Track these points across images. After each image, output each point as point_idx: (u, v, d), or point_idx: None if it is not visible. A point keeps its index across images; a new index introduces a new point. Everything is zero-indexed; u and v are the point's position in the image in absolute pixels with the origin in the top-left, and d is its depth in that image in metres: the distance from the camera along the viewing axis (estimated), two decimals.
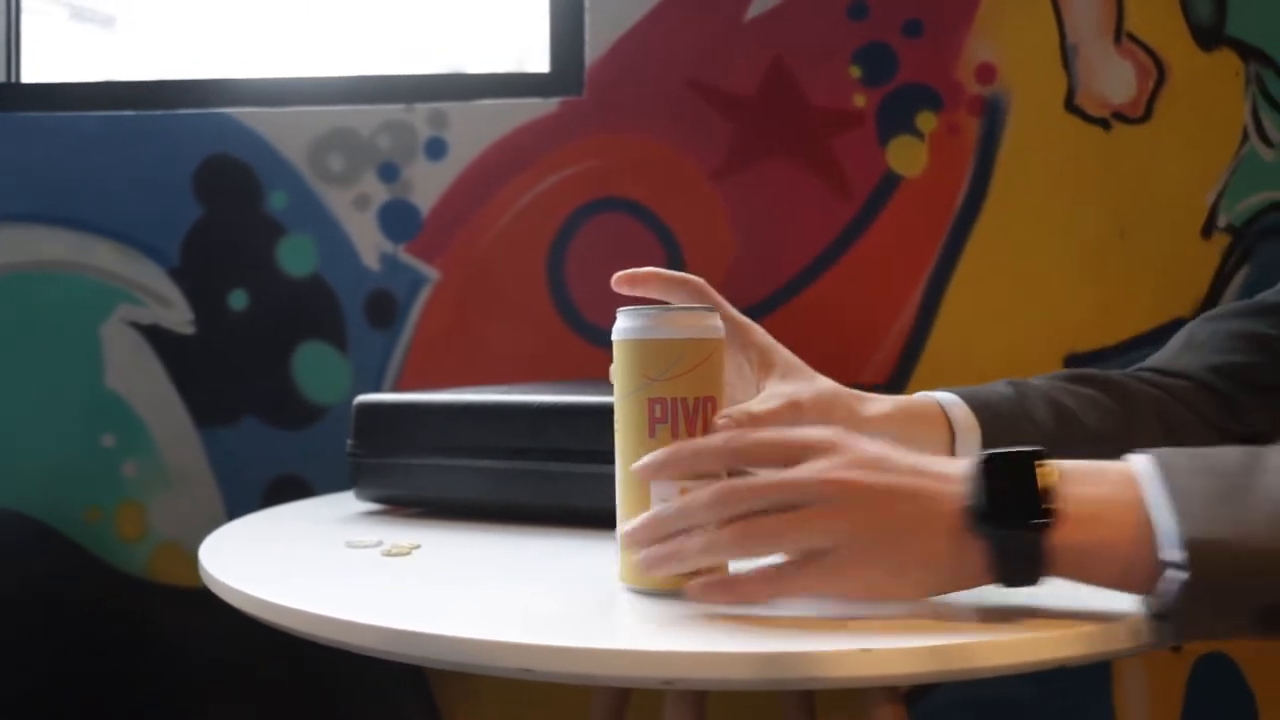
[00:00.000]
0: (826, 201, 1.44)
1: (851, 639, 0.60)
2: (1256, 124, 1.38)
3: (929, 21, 1.43)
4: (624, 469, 0.70)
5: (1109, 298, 1.40)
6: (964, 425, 0.83)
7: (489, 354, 1.47)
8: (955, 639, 0.60)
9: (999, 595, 0.64)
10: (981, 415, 0.83)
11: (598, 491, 0.91)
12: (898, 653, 0.59)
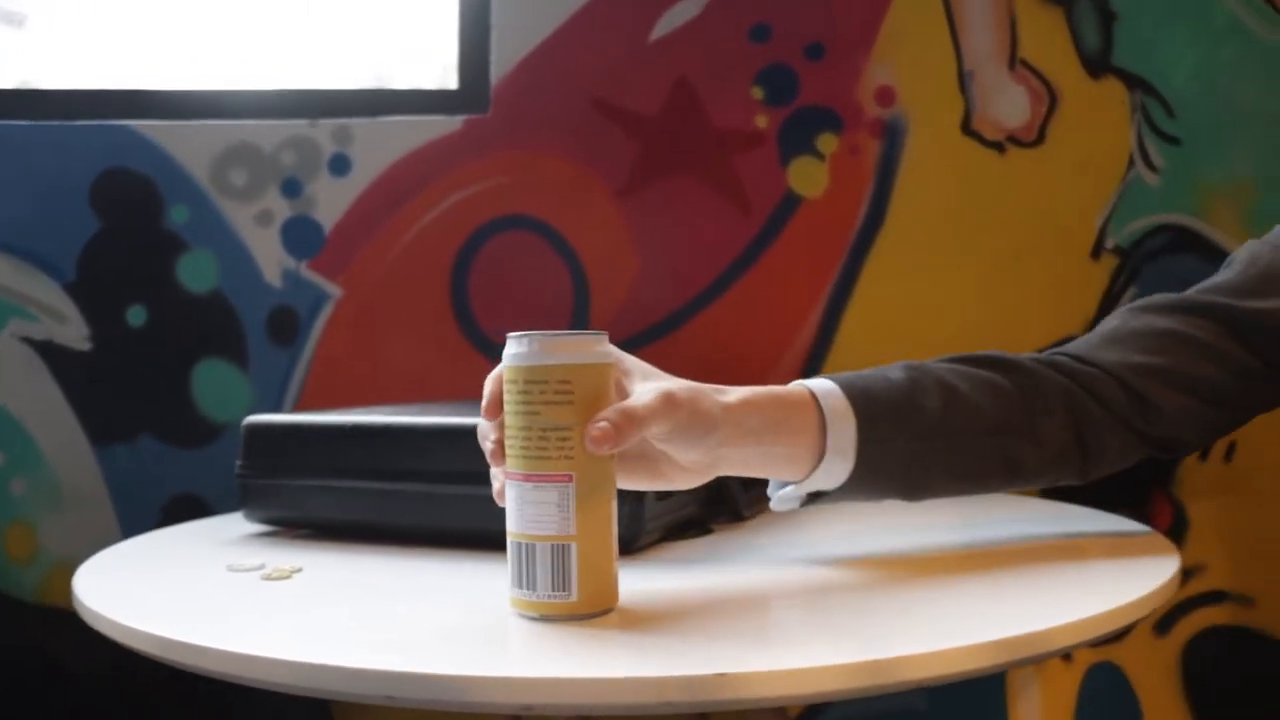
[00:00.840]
0: (728, 221, 1.46)
1: (753, 658, 0.62)
2: (1142, 150, 1.43)
3: (830, 44, 1.46)
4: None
5: (1003, 316, 1.44)
6: (837, 412, 0.82)
7: (392, 372, 1.47)
8: (881, 654, 0.63)
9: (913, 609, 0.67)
10: (858, 403, 0.82)
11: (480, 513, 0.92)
12: (824, 670, 0.61)
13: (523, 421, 0.70)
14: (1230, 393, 0.92)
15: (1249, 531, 1.43)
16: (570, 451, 0.69)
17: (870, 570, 0.85)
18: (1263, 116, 1.41)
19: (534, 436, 0.70)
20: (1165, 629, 1.45)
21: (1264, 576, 1.43)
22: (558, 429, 0.69)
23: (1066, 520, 1.09)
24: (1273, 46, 1.41)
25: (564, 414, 0.69)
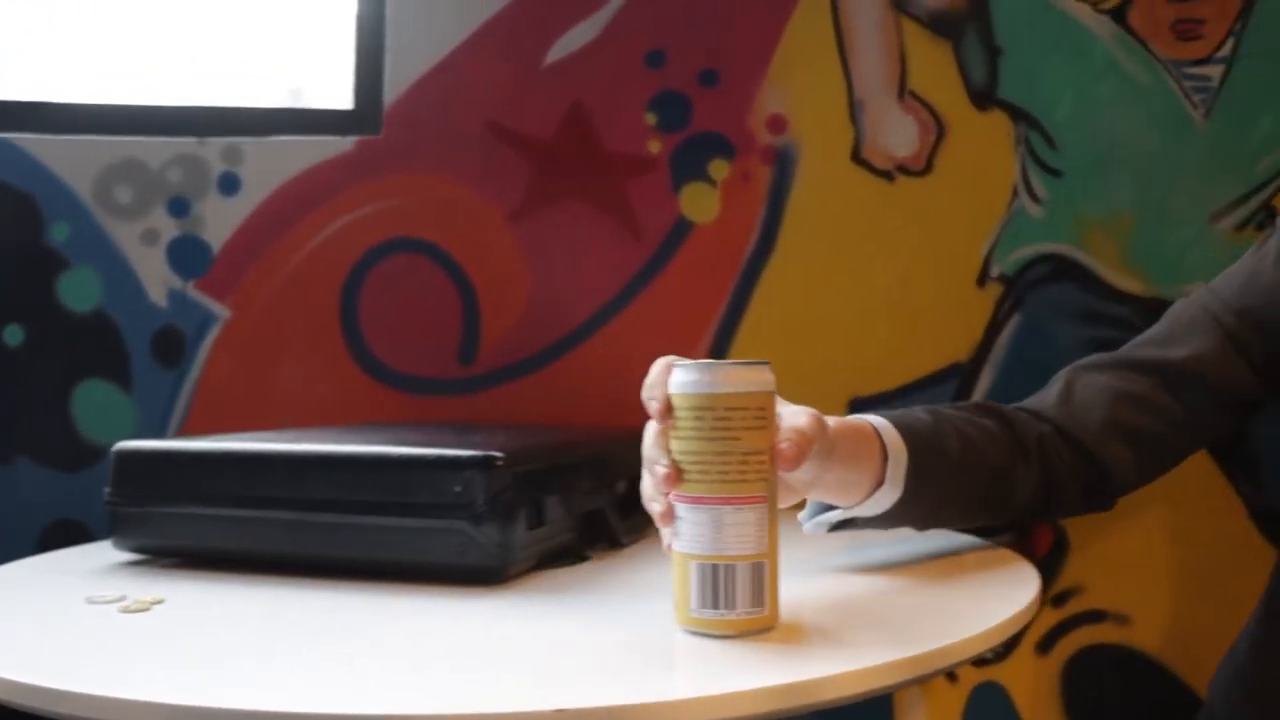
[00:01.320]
0: (620, 246, 1.48)
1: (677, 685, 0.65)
2: (1025, 181, 1.47)
3: (724, 72, 1.49)
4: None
5: (891, 343, 1.47)
6: (895, 447, 0.92)
7: (280, 396, 1.46)
8: (795, 677, 0.67)
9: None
10: (908, 440, 0.93)
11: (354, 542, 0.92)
12: (749, 694, 0.65)
13: (721, 447, 0.74)
14: (1165, 442, 1.07)
15: (1125, 553, 1.47)
16: (765, 473, 0.75)
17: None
18: (1139, 153, 1.45)
19: (734, 461, 0.74)
20: (1047, 648, 1.49)
21: (1140, 596, 1.47)
22: (756, 453, 0.74)
23: (929, 541, 1.11)
24: (1147, 86, 1.45)
25: (761, 438, 0.75)
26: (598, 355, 1.48)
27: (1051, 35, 1.47)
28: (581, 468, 1.07)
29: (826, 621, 0.82)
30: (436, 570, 0.93)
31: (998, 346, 1.47)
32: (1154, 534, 1.47)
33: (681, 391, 0.75)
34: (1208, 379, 1.07)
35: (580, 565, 1.04)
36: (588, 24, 1.49)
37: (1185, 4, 1.45)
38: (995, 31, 1.47)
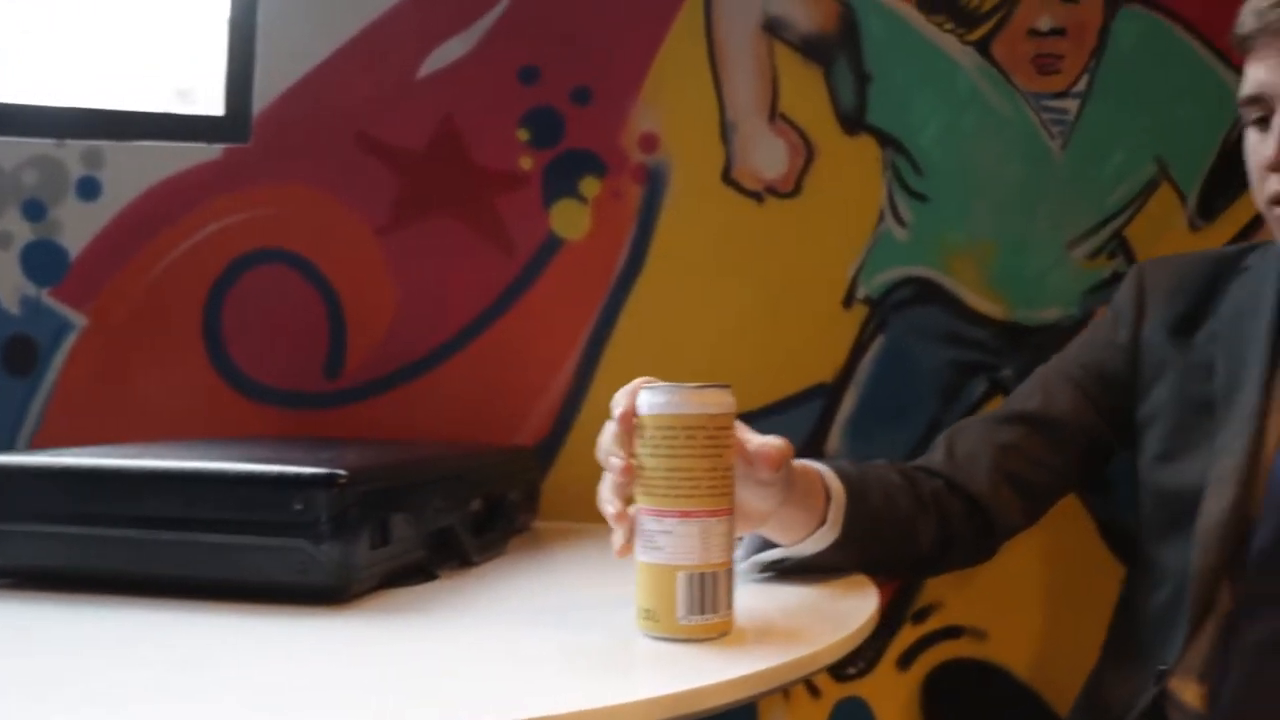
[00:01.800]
0: (489, 261, 1.49)
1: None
2: (892, 205, 1.51)
3: (597, 90, 1.50)
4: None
5: (758, 362, 1.50)
6: (836, 492, 1.01)
7: (139, 408, 1.44)
8: (674, 688, 0.70)
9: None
10: (847, 486, 1.02)
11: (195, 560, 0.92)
12: (639, 704, 0.68)
13: (709, 464, 0.80)
14: (1045, 488, 1.18)
15: (983, 570, 1.51)
16: (731, 488, 0.82)
17: (609, 612, 0.87)
18: (1000, 181, 1.50)
19: (719, 476, 0.81)
20: (907, 664, 1.53)
21: (996, 612, 1.52)
22: (730, 468, 0.82)
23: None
24: (1008, 117, 1.51)
25: (732, 455, 0.83)
26: (467, 370, 1.48)
27: (919, 64, 1.51)
28: (433, 485, 1.08)
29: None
30: (277, 590, 0.92)
31: (862, 367, 1.51)
32: (1010, 551, 1.50)
33: (676, 412, 0.81)
34: (1071, 429, 1.18)
35: (429, 584, 1.04)
36: (461, 38, 1.50)
37: (1044, 39, 1.51)
38: (865, 58, 1.51)
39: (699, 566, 0.80)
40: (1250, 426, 1.04)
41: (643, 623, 0.81)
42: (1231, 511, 1.02)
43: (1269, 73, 1.00)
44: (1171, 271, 1.20)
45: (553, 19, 1.50)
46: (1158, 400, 1.15)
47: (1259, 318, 1.08)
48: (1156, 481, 1.13)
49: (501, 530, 1.18)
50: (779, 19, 1.51)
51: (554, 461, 1.47)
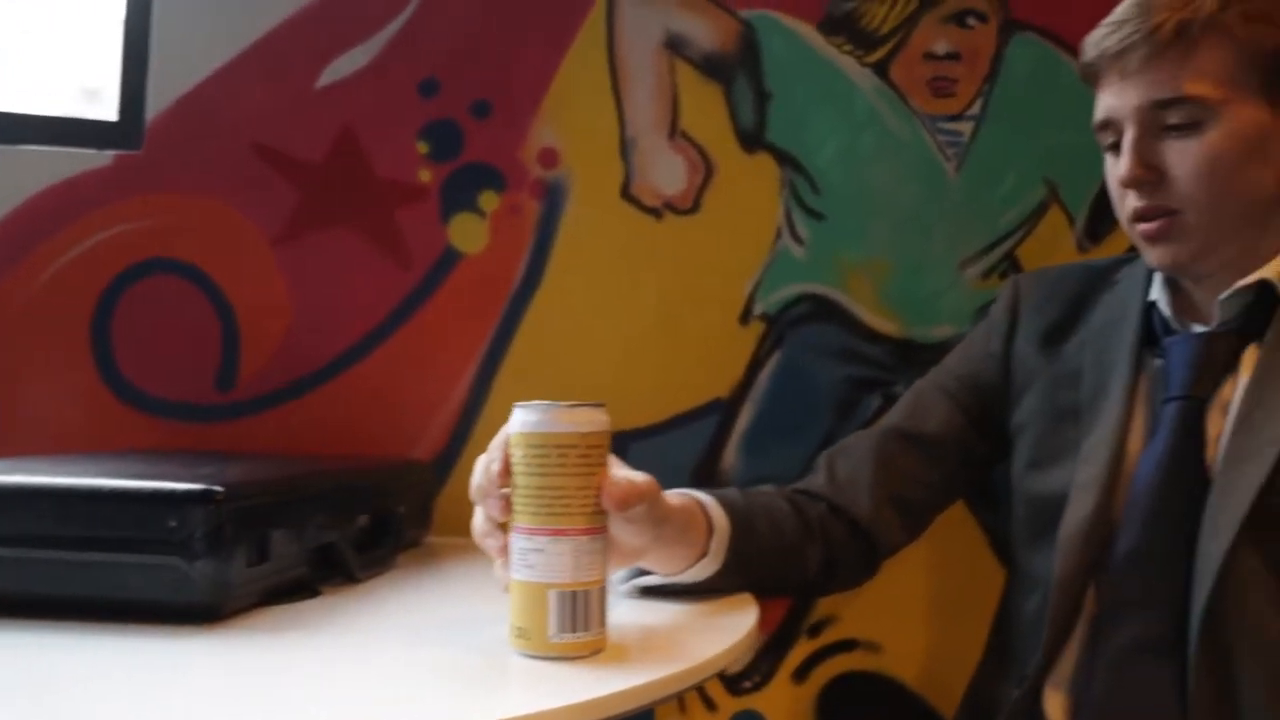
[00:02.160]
0: (387, 274, 1.49)
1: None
2: (789, 223, 1.54)
3: (498, 104, 1.51)
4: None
5: (655, 377, 1.52)
6: (720, 526, 1.03)
7: (24, 420, 1.42)
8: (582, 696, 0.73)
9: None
10: (733, 520, 1.04)
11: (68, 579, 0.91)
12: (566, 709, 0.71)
13: (580, 482, 0.81)
14: (925, 504, 1.22)
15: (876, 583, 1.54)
16: (602, 506, 0.83)
17: (490, 628, 0.88)
18: (896, 201, 1.54)
19: (591, 495, 0.82)
20: (803, 677, 1.55)
21: (890, 625, 1.55)
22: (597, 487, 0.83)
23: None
24: (904, 138, 1.54)
25: (604, 474, 0.83)
26: (362, 383, 1.48)
27: (818, 84, 1.54)
28: (317, 501, 1.08)
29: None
30: (150, 609, 0.92)
31: (759, 383, 1.53)
32: (902, 563, 1.53)
33: (548, 430, 0.81)
34: (949, 443, 1.22)
35: (311, 601, 1.04)
36: (361, 49, 1.50)
37: (941, 63, 1.55)
38: (765, 77, 1.54)
39: (570, 585, 0.81)
40: (1113, 434, 1.08)
41: (514, 641, 0.82)
42: (1093, 518, 1.05)
43: (1113, 96, 1.05)
44: (1045, 282, 1.25)
45: (454, 32, 1.51)
46: (1028, 409, 1.19)
47: (1125, 329, 1.13)
48: (1027, 489, 1.17)
49: (389, 546, 1.18)
50: (680, 37, 1.53)
51: (450, 475, 1.48)
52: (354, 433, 1.46)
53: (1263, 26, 1.00)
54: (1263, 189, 1.03)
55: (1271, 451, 0.98)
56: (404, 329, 1.49)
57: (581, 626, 0.81)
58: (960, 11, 1.55)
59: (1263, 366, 1.02)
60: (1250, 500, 0.97)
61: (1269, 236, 1.06)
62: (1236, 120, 1.01)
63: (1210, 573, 0.97)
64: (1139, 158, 1.03)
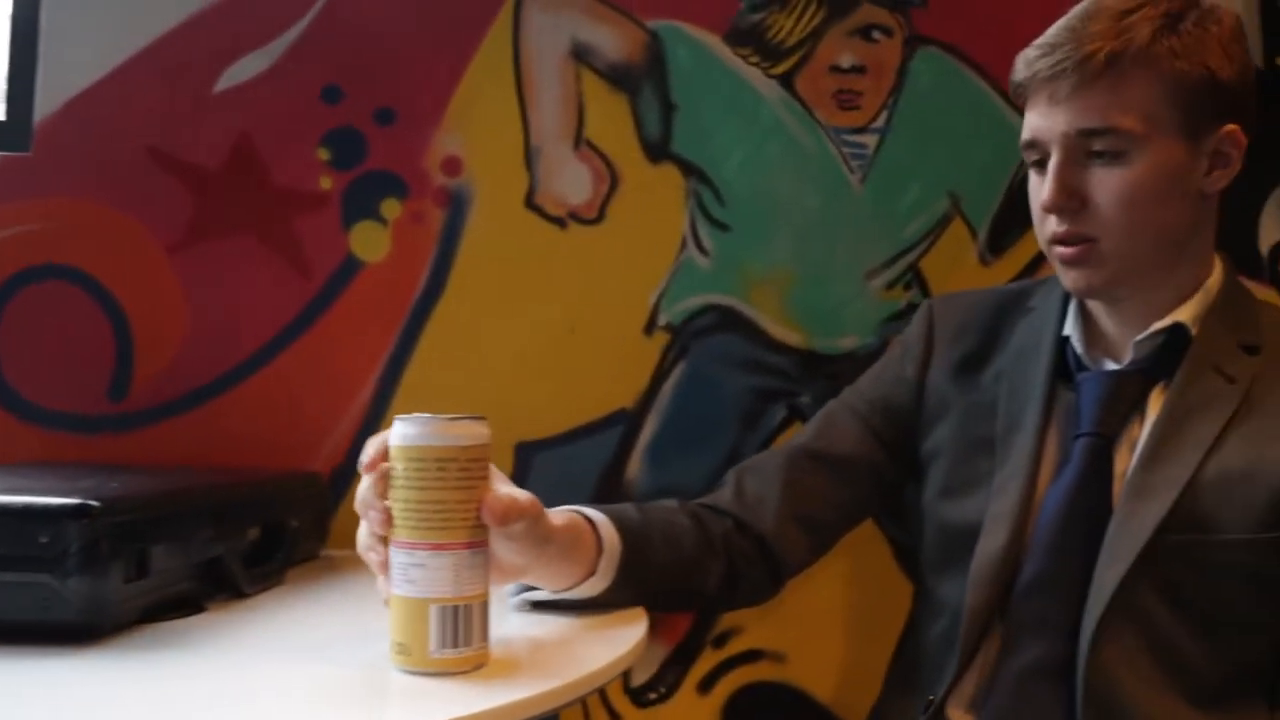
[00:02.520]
0: (286, 282, 1.48)
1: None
2: (694, 234, 1.55)
3: (401, 111, 1.51)
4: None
5: (559, 389, 1.52)
6: (611, 545, 1.02)
7: None
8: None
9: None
10: (625, 539, 1.04)
11: None
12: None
13: (463, 495, 0.81)
14: (831, 524, 1.23)
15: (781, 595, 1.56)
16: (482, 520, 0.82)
17: (374, 644, 0.87)
18: (800, 212, 1.55)
19: (472, 509, 0.81)
20: (708, 688, 1.56)
21: (795, 635, 1.56)
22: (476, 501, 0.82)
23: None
24: (809, 150, 1.56)
25: (487, 487, 0.83)
26: (260, 394, 1.47)
27: (724, 95, 1.56)
28: (202, 514, 1.06)
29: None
30: (23, 629, 0.90)
31: (663, 394, 1.54)
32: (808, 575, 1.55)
33: (427, 443, 0.81)
34: (858, 465, 1.23)
35: (196, 617, 1.02)
36: (261, 53, 1.48)
37: (846, 76, 1.57)
38: (671, 88, 1.55)
39: (452, 599, 0.80)
40: (1025, 469, 1.10)
41: (396, 657, 0.82)
42: (1004, 551, 1.08)
43: (1041, 118, 1.06)
44: (960, 309, 1.26)
45: (356, 38, 1.50)
46: (941, 437, 1.20)
47: (1038, 361, 1.14)
48: (938, 516, 1.18)
49: (280, 560, 1.17)
50: (586, 46, 1.54)
51: (350, 488, 1.46)
52: (251, 444, 1.44)
53: (1187, 63, 1.02)
54: (1178, 222, 1.06)
55: (1172, 490, 1.01)
56: (303, 339, 1.47)
57: (464, 642, 0.81)
58: (866, 25, 1.57)
59: (1169, 407, 1.05)
60: (1148, 534, 1.00)
61: (1182, 270, 1.09)
62: (1158, 154, 1.03)
63: (1102, 600, 1.00)
64: (1062, 184, 1.05)
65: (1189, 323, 1.08)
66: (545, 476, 1.51)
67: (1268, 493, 1.01)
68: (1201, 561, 1.01)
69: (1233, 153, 1.06)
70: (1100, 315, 1.13)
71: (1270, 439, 1.02)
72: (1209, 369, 1.06)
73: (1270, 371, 1.06)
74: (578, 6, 1.54)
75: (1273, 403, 1.04)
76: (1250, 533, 1.00)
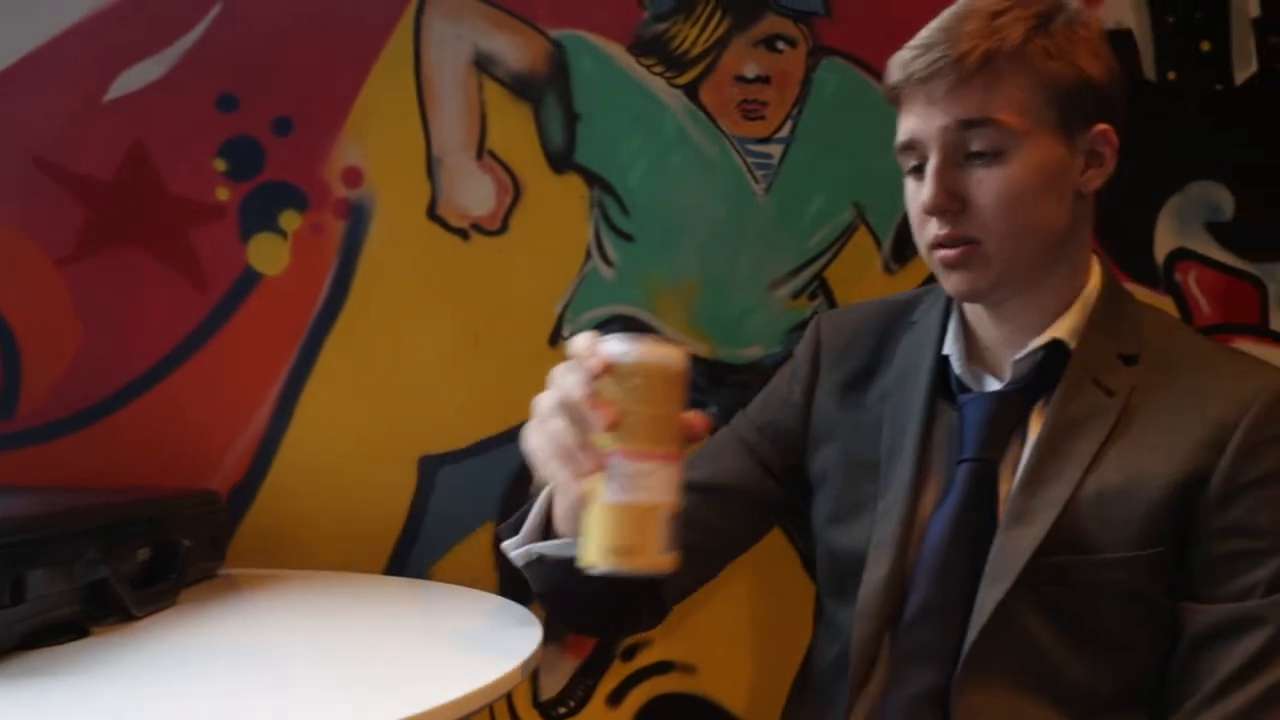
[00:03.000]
0: (182, 295, 1.46)
1: None
2: (599, 244, 1.56)
3: (299, 121, 1.50)
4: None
5: (463, 400, 1.52)
6: None
7: None
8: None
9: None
10: None
11: None
12: None
13: (679, 411, 0.86)
14: (710, 552, 1.21)
15: (691, 605, 1.57)
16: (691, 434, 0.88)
17: (257, 666, 0.87)
18: (705, 222, 1.56)
19: (680, 425, 0.86)
20: (618, 701, 1.56)
21: (704, 646, 1.57)
22: None
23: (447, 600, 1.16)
24: (714, 161, 1.57)
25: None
26: (155, 411, 1.45)
27: (628, 105, 1.56)
28: (86, 536, 1.05)
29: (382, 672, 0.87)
30: None
31: None
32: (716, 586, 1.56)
33: (665, 363, 0.86)
34: (739, 492, 1.22)
35: (80, 642, 1.01)
36: (154, 61, 1.46)
37: (750, 86, 1.58)
38: (574, 98, 1.55)
39: (672, 506, 0.86)
40: (906, 494, 1.10)
41: (616, 559, 0.85)
42: (888, 580, 1.08)
43: (917, 121, 1.06)
44: (846, 327, 1.25)
45: (253, 46, 1.49)
46: (827, 460, 1.20)
47: (919, 381, 1.14)
48: (828, 541, 1.18)
49: (172, 580, 1.15)
50: (489, 56, 1.54)
51: (250, 505, 1.45)
52: (146, 463, 1.42)
53: (1059, 63, 1.03)
54: (1058, 221, 1.06)
55: (1051, 512, 1.02)
56: (200, 353, 1.46)
57: (674, 545, 0.86)
58: (770, 36, 1.59)
59: (1049, 426, 1.06)
60: (1027, 558, 1.01)
61: (1061, 272, 1.09)
62: (1036, 152, 1.03)
63: (981, 623, 1.01)
64: (942, 185, 1.04)
65: (1067, 338, 1.08)
66: (450, 489, 1.51)
67: (1145, 509, 1.01)
68: (1080, 581, 1.02)
69: (1106, 151, 1.07)
70: (980, 327, 1.13)
71: (1147, 453, 1.03)
72: (1088, 382, 1.06)
73: (1148, 381, 1.07)
74: (480, 15, 1.54)
75: (1150, 414, 1.05)
76: (1127, 551, 1.01)
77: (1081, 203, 1.08)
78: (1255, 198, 1.62)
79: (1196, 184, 1.62)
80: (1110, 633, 1.03)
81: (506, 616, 1.21)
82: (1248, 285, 1.63)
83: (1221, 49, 1.62)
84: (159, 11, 1.47)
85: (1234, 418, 1.01)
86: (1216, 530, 1.01)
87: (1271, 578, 0.98)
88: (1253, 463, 1.00)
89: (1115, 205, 1.62)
